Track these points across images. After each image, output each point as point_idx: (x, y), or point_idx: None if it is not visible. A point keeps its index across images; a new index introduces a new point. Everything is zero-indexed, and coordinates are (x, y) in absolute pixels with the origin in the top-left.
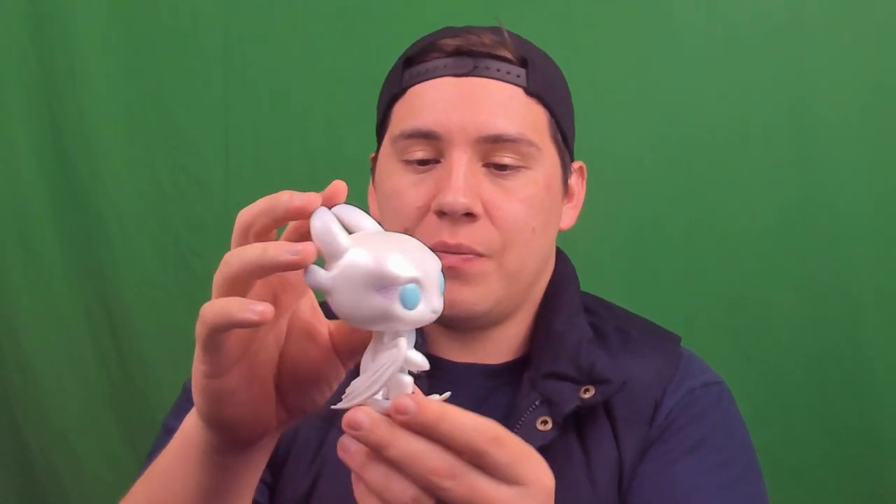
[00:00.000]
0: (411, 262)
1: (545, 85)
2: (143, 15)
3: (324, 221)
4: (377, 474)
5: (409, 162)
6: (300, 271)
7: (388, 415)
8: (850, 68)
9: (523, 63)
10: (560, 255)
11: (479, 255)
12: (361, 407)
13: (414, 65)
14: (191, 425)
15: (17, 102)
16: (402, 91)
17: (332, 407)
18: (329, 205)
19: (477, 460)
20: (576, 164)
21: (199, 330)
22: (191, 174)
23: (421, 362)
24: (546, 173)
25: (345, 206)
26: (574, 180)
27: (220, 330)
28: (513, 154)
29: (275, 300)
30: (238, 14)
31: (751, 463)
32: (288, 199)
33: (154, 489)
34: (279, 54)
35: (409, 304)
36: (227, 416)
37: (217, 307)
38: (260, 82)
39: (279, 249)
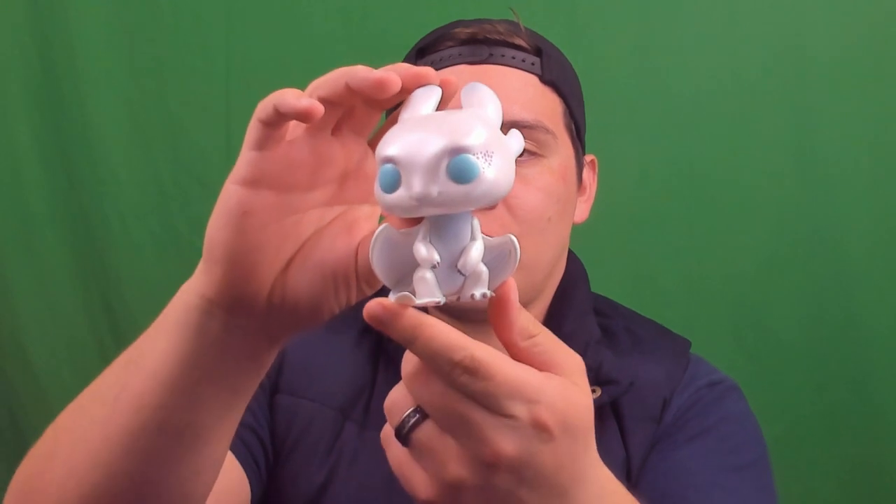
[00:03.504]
0: (404, 140)
1: (559, 75)
2: (144, 14)
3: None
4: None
5: None
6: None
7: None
8: (851, 53)
9: (538, 52)
10: (570, 255)
11: None
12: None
13: (427, 54)
14: (185, 285)
15: (19, 102)
16: None
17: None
18: (414, 86)
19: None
20: (588, 158)
21: (250, 125)
22: (193, 174)
23: (426, 256)
24: (561, 163)
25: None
26: (586, 174)
27: (267, 117)
28: (530, 141)
29: (341, 183)
30: (240, 13)
31: (761, 456)
32: (365, 70)
33: (133, 348)
34: (281, 53)
35: (384, 187)
36: (230, 238)
37: (270, 96)
38: (262, 82)
39: (367, 69)
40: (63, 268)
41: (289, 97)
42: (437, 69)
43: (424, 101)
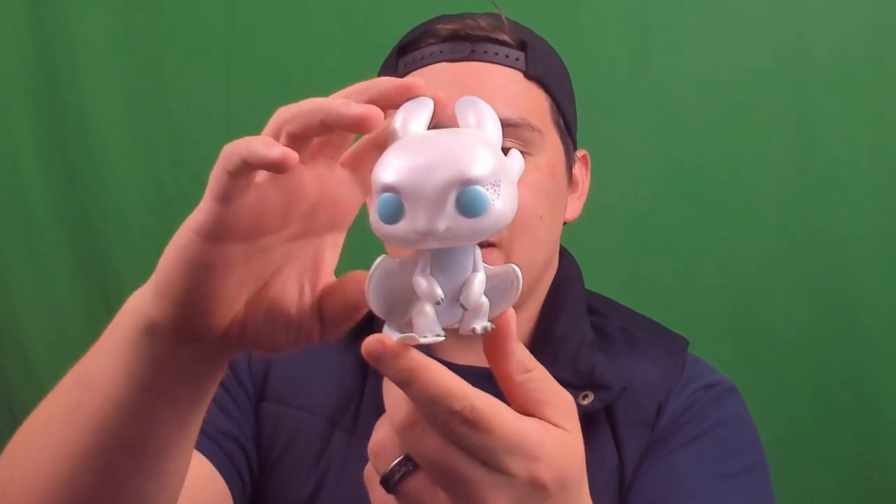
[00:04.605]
0: (407, 167)
1: (545, 69)
2: (145, 15)
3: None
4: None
5: None
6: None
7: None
8: (852, 55)
9: (522, 47)
10: (564, 253)
11: (488, 244)
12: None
13: (409, 52)
14: (134, 298)
15: (20, 103)
16: None
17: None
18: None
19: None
20: (579, 153)
21: (213, 171)
22: (193, 174)
23: (429, 291)
24: (550, 160)
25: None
26: (578, 169)
27: (235, 168)
28: (515, 139)
29: (310, 213)
30: (240, 13)
31: (758, 461)
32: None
33: (83, 365)
34: (281, 53)
35: (384, 217)
36: (184, 290)
37: (237, 143)
38: (262, 82)
39: (344, 102)
40: (63, 267)
41: (257, 147)
42: (417, 68)
43: (416, 115)
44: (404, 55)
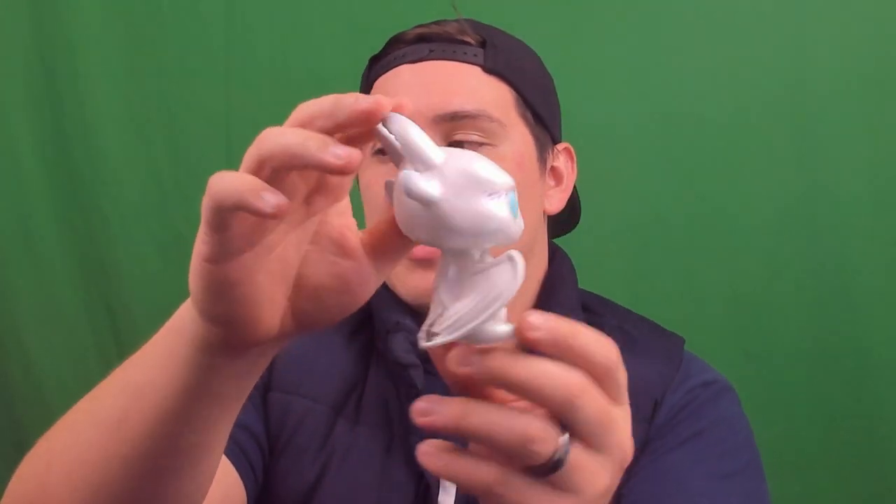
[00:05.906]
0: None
1: (506, 63)
2: (144, 14)
3: (403, 125)
4: (484, 416)
5: (375, 153)
6: (345, 177)
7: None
8: (852, 56)
9: (482, 44)
10: (558, 252)
11: None
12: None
13: (379, 60)
14: (183, 313)
15: (19, 101)
16: (369, 87)
17: (427, 344)
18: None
19: (602, 378)
20: (561, 146)
21: (205, 203)
22: (193, 174)
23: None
24: (515, 150)
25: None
26: (562, 162)
27: (226, 210)
28: (475, 131)
29: (307, 198)
30: (240, 13)
31: (752, 461)
32: (353, 101)
33: (132, 373)
34: (281, 51)
35: (515, 212)
36: (223, 311)
37: (227, 182)
38: (261, 79)
39: (322, 146)
40: (63, 266)
41: (248, 197)
42: (383, 72)
43: (410, 127)
44: (375, 64)
